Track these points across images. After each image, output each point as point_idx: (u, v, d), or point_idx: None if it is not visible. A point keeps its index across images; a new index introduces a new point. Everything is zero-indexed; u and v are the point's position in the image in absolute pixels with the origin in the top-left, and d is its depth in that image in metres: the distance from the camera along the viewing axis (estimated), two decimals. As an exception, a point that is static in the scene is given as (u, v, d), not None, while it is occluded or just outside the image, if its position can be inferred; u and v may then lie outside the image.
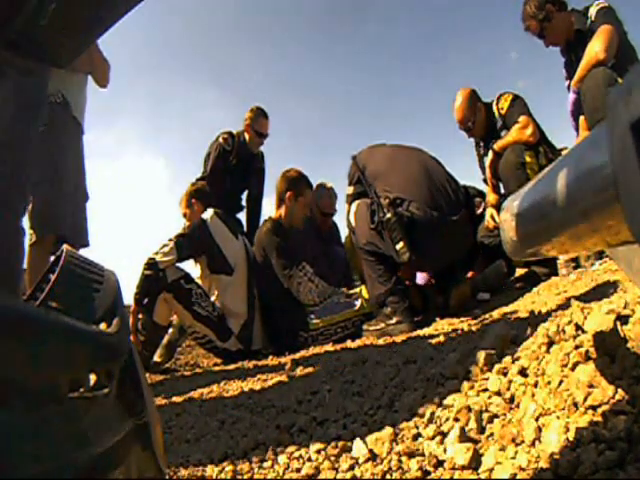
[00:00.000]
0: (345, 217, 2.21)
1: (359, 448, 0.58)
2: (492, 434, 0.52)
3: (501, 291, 2.18)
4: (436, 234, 1.84)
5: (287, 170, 2.36)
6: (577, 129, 2.01)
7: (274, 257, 2.11)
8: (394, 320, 1.84)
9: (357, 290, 2.17)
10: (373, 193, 1.94)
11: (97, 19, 0.38)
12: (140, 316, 1.99)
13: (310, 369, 1.25)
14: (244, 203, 3.23)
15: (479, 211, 2.33)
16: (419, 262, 1.88)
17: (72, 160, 2.02)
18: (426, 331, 1.65)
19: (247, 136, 3.05)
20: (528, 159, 2.05)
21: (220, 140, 3.01)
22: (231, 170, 2.98)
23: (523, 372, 0.60)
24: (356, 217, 2.01)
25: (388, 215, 1.79)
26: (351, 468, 0.55)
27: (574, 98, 1.96)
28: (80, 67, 2.00)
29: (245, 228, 3.06)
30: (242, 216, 3.19)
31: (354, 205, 2.05)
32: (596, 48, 1.83)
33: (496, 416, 0.54)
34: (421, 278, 2.33)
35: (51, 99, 1.90)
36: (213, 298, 2.09)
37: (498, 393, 0.59)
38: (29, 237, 1.95)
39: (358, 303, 2.10)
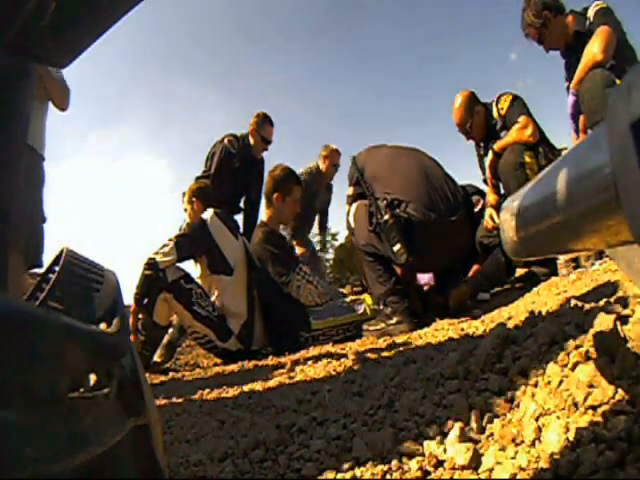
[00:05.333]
0: (345, 218, 2.22)
1: (359, 448, 0.58)
2: (492, 434, 0.52)
3: (501, 290, 2.18)
4: (434, 235, 1.84)
5: (273, 169, 2.33)
6: (577, 131, 2.01)
7: (270, 266, 2.12)
8: (394, 320, 1.84)
9: (361, 297, 2.18)
10: (371, 195, 1.94)
11: (97, 19, 0.38)
12: (140, 316, 1.99)
13: (310, 369, 1.25)
14: (242, 205, 3.24)
15: (477, 209, 2.33)
16: (417, 263, 1.88)
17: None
18: (426, 331, 1.64)
19: (252, 140, 3.06)
20: (528, 159, 2.05)
21: (226, 142, 3.02)
22: (233, 172, 2.98)
23: (523, 372, 0.60)
24: (355, 218, 2.02)
25: (385, 217, 1.80)
26: (351, 468, 0.55)
27: (573, 100, 1.97)
28: None
29: (242, 230, 3.06)
30: (239, 218, 3.20)
31: (353, 206, 2.05)
32: (594, 49, 1.83)
33: (496, 416, 0.54)
34: (424, 279, 2.33)
35: None
36: (213, 298, 2.09)
37: (498, 393, 0.59)
38: None
39: (361, 308, 2.10)
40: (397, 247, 1.77)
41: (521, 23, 2.16)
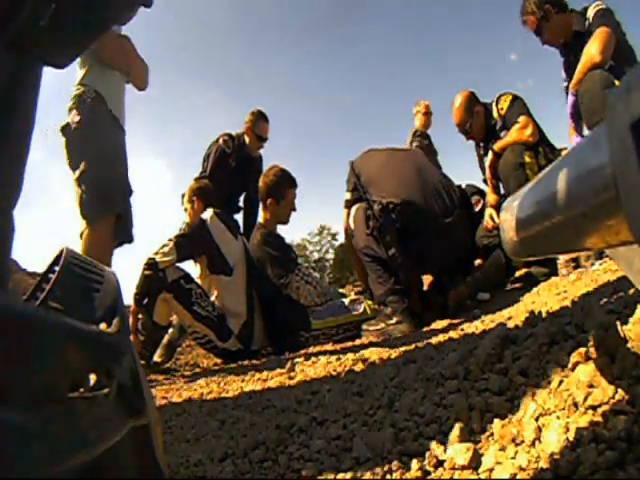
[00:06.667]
0: (344, 222, 2.23)
1: (359, 448, 0.58)
2: (492, 434, 0.52)
3: (501, 290, 2.18)
4: (430, 238, 1.85)
5: (266, 172, 2.35)
6: (577, 131, 2.01)
7: (268, 268, 2.13)
8: (394, 320, 1.84)
9: (361, 297, 2.19)
10: (366, 199, 1.95)
11: (97, 19, 0.38)
12: (140, 316, 1.99)
13: (310, 369, 1.25)
14: (241, 204, 3.24)
15: (477, 209, 2.33)
16: (415, 266, 1.89)
17: (111, 152, 1.94)
18: (426, 331, 1.65)
19: (247, 139, 3.06)
20: (527, 159, 2.06)
21: (220, 142, 3.01)
22: (230, 172, 2.98)
23: (523, 372, 0.60)
24: (355, 221, 2.02)
25: (380, 221, 1.81)
26: (351, 468, 0.55)
27: (573, 100, 1.97)
28: (116, 65, 1.97)
29: (242, 230, 3.07)
30: (239, 217, 3.20)
31: (353, 209, 2.06)
32: (592, 50, 1.83)
33: (496, 416, 0.54)
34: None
35: (83, 97, 1.89)
36: (213, 298, 2.09)
37: (498, 393, 0.59)
38: (81, 226, 1.88)
39: (361, 308, 2.11)
40: (392, 251, 1.79)
41: (520, 9, 2.13)
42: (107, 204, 1.86)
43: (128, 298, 1.96)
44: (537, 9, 2.05)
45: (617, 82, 1.77)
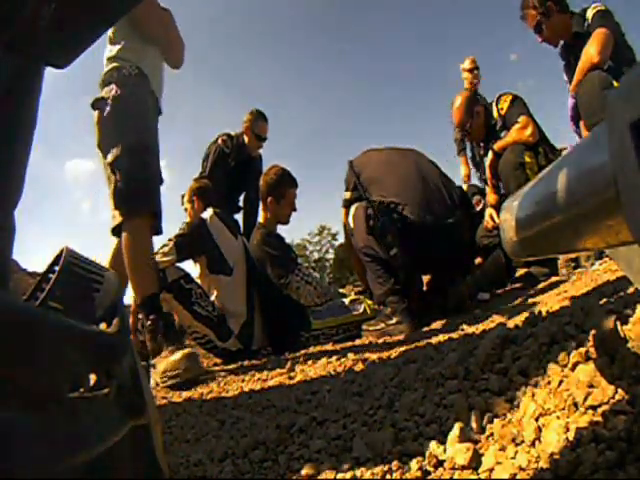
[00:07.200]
0: (342, 221, 2.23)
1: (359, 448, 0.58)
2: (492, 434, 0.52)
3: (501, 290, 2.18)
4: (431, 238, 1.85)
5: (267, 171, 2.33)
6: (577, 133, 2.01)
7: (268, 268, 2.13)
8: (394, 320, 1.84)
9: (361, 297, 2.19)
10: (366, 198, 1.95)
11: (97, 19, 0.38)
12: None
13: (310, 369, 1.25)
14: (241, 204, 3.24)
15: (478, 208, 2.34)
16: (415, 266, 1.89)
17: (151, 136, 1.72)
18: (426, 331, 1.65)
19: (246, 138, 3.06)
20: (527, 159, 2.06)
21: (219, 142, 3.02)
22: (229, 172, 2.98)
23: (523, 372, 0.60)
24: (354, 220, 2.02)
25: (381, 221, 1.81)
26: (351, 468, 0.55)
27: (573, 103, 1.97)
28: (156, 38, 1.77)
29: (242, 229, 3.07)
30: (239, 217, 3.20)
31: (353, 208, 2.06)
32: (591, 52, 1.83)
33: (496, 416, 0.54)
34: None
35: (124, 72, 1.67)
36: (212, 298, 2.09)
37: (498, 393, 0.59)
38: (113, 219, 1.66)
39: (361, 308, 2.11)
40: (393, 251, 1.79)
41: (521, 3, 2.10)
42: (147, 200, 1.63)
43: (128, 298, 1.96)
44: (539, 4, 2.03)
45: (616, 83, 1.77)
